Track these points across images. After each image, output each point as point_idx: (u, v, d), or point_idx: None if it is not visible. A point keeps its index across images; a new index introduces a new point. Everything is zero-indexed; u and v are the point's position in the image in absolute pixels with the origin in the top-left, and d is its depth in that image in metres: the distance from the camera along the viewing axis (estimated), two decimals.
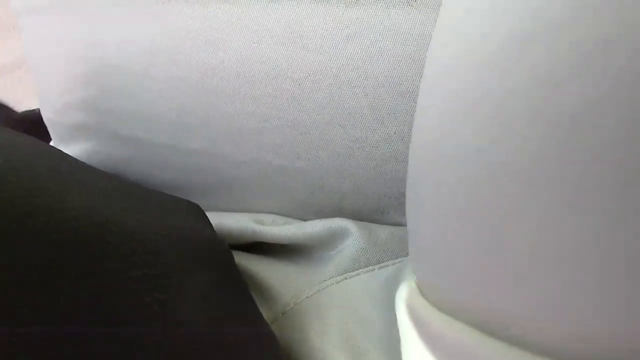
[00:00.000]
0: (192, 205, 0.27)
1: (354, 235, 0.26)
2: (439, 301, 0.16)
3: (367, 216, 0.27)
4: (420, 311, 0.17)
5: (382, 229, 0.27)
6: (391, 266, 0.25)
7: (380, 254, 0.26)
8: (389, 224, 0.27)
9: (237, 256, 0.26)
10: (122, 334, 0.14)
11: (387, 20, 0.23)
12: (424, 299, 0.17)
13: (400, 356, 0.19)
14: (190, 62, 0.26)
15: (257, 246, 0.29)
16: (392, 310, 0.21)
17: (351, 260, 0.25)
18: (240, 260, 0.27)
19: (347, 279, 0.25)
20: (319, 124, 0.25)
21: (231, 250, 0.25)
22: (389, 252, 0.26)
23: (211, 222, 0.26)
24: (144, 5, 0.27)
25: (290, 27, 0.24)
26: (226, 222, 0.28)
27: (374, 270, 0.25)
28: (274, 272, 0.27)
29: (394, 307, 0.20)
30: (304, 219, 0.29)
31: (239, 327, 0.20)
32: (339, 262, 0.26)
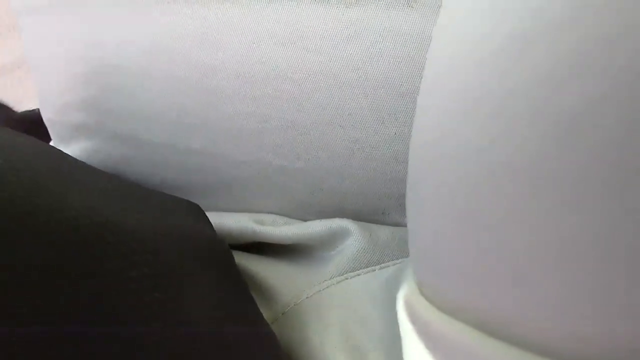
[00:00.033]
0: (192, 205, 0.27)
1: (354, 235, 0.26)
2: (439, 301, 0.16)
3: (367, 216, 0.27)
4: (420, 311, 0.17)
5: (383, 230, 0.27)
6: (392, 267, 0.25)
7: (380, 255, 0.26)
8: (389, 225, 0.27)
9: (237, 256, 0.26)
10: (122, 334, 0.14)
11: (387, 21, 0.23)
12: (424, 299, 0.17)
13: (401, 356, 0.19)
14: (190, 62, 0.26)
15: (258, 246, 0.29)
16: (393, 310, 0.21)
17: (352, 260, 0.25)
18: (240, 260, 0.27)
19: (348, 279, 0.25)
20: (319, 125, 0.25)
21: (231, 250, 0.25)
22: (389, 253, 0.26)
23: (211, 222, 0.26)
24: (144, 5, 0.27)
25: (290, 28, 0.24)
26: (226, 222, 0.28)
27: (375, 270, 0.25)
28: (275, 272, 0.27)
29: (394, 308, 0.20)
30: (304, 219, 0.28)
31: (239, 327, 0.20)
32: (340, 263, 0.26)
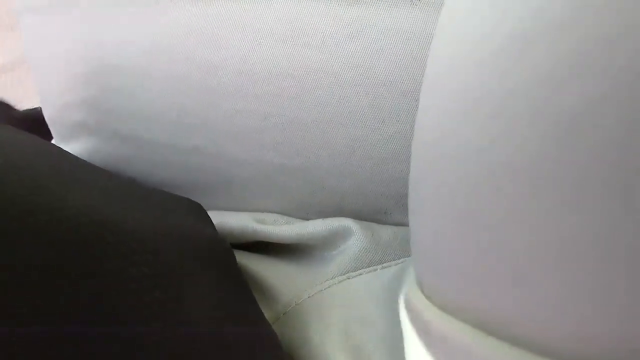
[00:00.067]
0: (193, 203, 0.27)
1: (356, 235, 0.26)
2: (440, 301, 0.16)
3: (368, 216, 0.27)
4: (420, 311, 0.17)
5: (385, 229, 0.27)
6: (394, 266, 0.25)
7: (382, 254, 0.26)
8: (392, 224, 0.27)
9: (238, 255, 0.26)
10: (122, 334, 0.14)
11: (390, 19, 0.22)
12: (425, 298, 0.17)
13: (403, 357, 0.19)
14: (190, 60, 0.26)
15: (259, 246, 0.29)
16: (395, 310, 0.21)
17: (353, 260, 0.25)
18: (241, 259, 0.27)
19: (349, 279, 0.25)
20: (320, 123, 0.25)
21: (232, 249, 0.25)
22: (391, 252, 0.26)
23: (212, 221, 0.26)
24: (144, 5, 0.26)
25: (291, 25, 0.24)
26: (227, 221, 0.28)
27: (377, 270, 0.25)
28: (276, 271, 0.27)
29: (396, 308, 0.20)
30: (305, 218, 0.28)
31: (240, 327, 0.20)
32: (341, 262, 0.26)
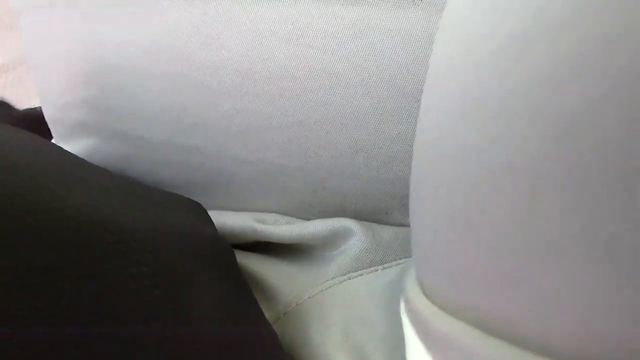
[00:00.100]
0: (194, 203, 0.27)
1: (357, 235, 0.26)
2: (440, 300, 0.16)
3: (370, 216, 0.27)
4: (421, 311, 0.17)
5: (386, 230, 0.26)
6: (395, 267, 0.25)
7: (383, 255, 0.26)
8: (393, 225, 0.27)
9: (238, 255, 0.26)
10: (122, 334, 0.14)
11: (392, 19, 0.22)
12: (425, 298, 0.17)
13: (404, 358, 0.19)
14: (191, 60, 0.26)
15: (259, 246, 0.29)
16: (395, 311, 0.21)
17: (354, 260, 0.25)
18: (242, 259, 0.27)
19: (350, 279, 0.25)
20: (321, 123, 0.25)
21: (233, 249, 0.25)
22: (392, 253, 0.26)
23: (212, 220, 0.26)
24: (144, 4, 0.26)
25: (293, 25, 0.24)
26: (228, 221, 0.28)
27: (377, 270, 0.25)
28: (276, 271, 0.27)
29: (397, 308, 0.20)
30: (306, 218, 0.28)
31: (241, 327, 0.20)
32: (342, 263, 0.26)
